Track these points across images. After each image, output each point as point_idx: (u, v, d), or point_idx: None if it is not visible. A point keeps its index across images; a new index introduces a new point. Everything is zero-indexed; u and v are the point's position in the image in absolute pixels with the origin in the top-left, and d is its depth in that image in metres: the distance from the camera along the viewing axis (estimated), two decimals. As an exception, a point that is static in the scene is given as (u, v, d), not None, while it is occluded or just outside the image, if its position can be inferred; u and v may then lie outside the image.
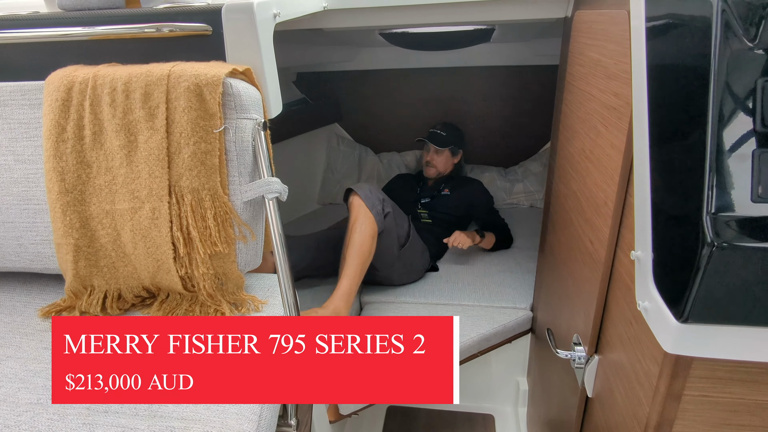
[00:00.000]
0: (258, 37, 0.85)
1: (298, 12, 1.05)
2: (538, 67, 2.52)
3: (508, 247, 2.16)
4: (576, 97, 1.10)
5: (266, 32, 0.90)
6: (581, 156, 1.04)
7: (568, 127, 1.17)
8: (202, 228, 0.78)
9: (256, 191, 0.79)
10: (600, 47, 0.92)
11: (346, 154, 2.71)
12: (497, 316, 1.67)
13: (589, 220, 0.97)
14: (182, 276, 0.80)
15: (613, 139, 0.83)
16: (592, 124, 0.96)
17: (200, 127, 0.76)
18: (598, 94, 0.92)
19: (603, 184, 0.88)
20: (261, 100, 0.85)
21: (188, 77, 0.76)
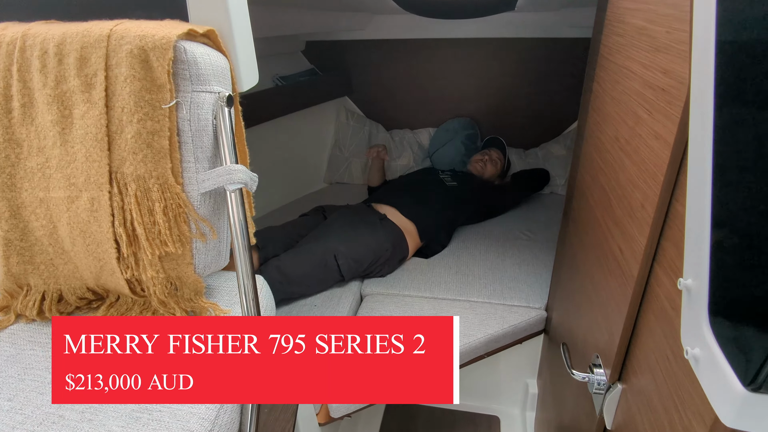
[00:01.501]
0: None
1: None
2: (568, 40, 2.30)
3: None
4: (611, 73, 0.92)
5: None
6: (614, 145, 0.87)
7: (598, 110, 1.00)
8: (149, 224, 0.64)
9: (215, 181, 0.66)
10: (647, 12, 0.74)
11: (355, 129, 2.55)
12: (508, 316, 1.53)
13: (619, 222, 0.81)
14: (129, 279, 0.67)
15: (657, 127, 0.67)
16: (629, 107, 0.79)
17: (145, 101, 0.62)
18: (640, 70, 0.75)
19: (641, 182, 0.72)
20: (228, 69, 0.71)
21: (132, 39, 0.62)
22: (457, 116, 2.57)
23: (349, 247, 1.62)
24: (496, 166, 2.26)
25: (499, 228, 2.05)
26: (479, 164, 2.25)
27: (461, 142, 2.46)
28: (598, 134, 0.99)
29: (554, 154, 2.42)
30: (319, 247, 1.62)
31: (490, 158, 2.26)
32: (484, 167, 2.24)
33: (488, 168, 2.24)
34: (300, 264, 1.54)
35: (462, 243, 1.94)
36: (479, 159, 2.26)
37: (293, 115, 2.32)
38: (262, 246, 1.63)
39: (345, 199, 2.41)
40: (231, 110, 0.69)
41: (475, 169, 2.25)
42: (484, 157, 2.26)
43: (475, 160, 2.28)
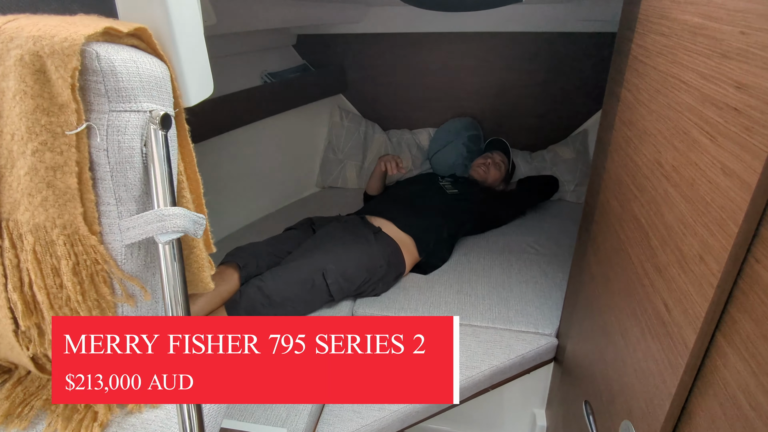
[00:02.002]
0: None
1: None
2: (579, 35, 2.12)
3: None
4: (649, 81, 0.76)
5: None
6: (654, 170, 0.71)
7: (630, 123, 0.84)
8: (53, 287, 0.49)
9: (143, 229, 0.50)
10: (706, 5, 0.58)
11: (350, 130, 2.38)
12: (515, 344, 1.37)
13: (663, 270, 0.65)
14: (34, 355, 0.52)
15: (727, 159, 0.51)
16: (679, 125, 0.63)
17: (42, 126, 0.46)
18: (696, 80, 0.59)
19: (698, 226, 0.56)
20: (167, 78, 0.54)
21: (23, 42, 0.46)
22: (459, 116, 2.40)
23: (339, 264, 1.47)
24: (500, 170, 2.09)
25: (503, 239, 1.89)
26: (482, 169, 2.09)
27: (463, 144, 2.29)
28: (629, 152, 0.83)
29: (562, 157, 2.25)
30: (306, 264, 1.46)
31: (493, 162, 2.09)
32: (487, 172, 2.08)
33: (492, 173, 2.08)
34: (284, 283, 1.39)
35: (464, 256, 1.78)
36: (482, 163, 2.10)
37: (283, 115, 2.15)
38: (244, 264, 1.48)
39: (339, 204, 2.24)
40: (168, 134, 0.53)
41: (478, 174, 2.09)
42: (486, 161, 2.09)
43: (477, 164, 2.11)
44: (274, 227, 1.99)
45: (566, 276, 1.66)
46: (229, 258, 1.49)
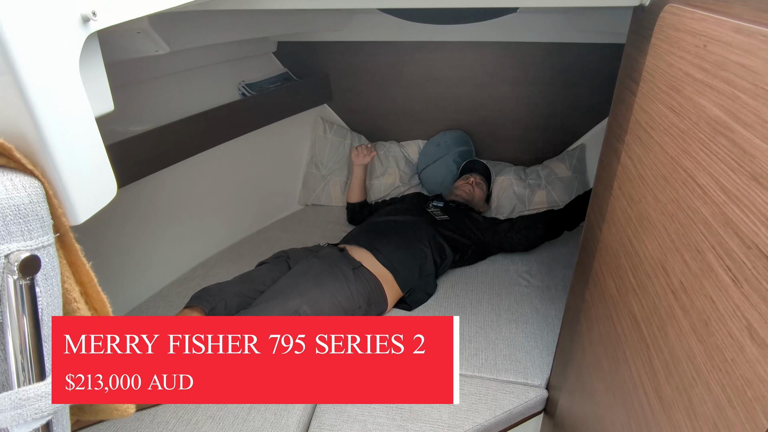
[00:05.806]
0: (23, 77, 0.41)
1: (135, 12, 0.58)
2: (577, 46, 1.99)
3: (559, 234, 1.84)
4: (655, 161, 0.64)
5: (62, 57, 0.45)
6: (658, 273, 0.59)
7: (632, 201, 0.72)
8: None
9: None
10: (731, 99, 0.46)
11: (334, 144, 2.25)
12: (501, 398, 1.27)
13: (667, 408, 0.54)
14: None
15: (755, 319, 0.39)
16: (693, 240, 0.51)
17: None
18: (716, 194, 0.47)
19: (715, 386, 0.45)
20: (39, 200, 0.42)
21: None
22: (449, 128, 2.27)
23: (314, 305, 1.36)
24: (483, 190, 2.04)
25: (493, 268, 1.78)
26: (467, 188, 1.98)
27: (453, 160, 2.17)
28: (629, 233, 0.71)
29: (558, 175, 2.13)
30: (278, 306, 1.35)
31: (475, 181, 2.02)
32: (473, 191, 1.98)
33: (477, 192, 2.00)
34: None
35: (451, 289, 1.67)
36: (464, 183, 2.00)
37: (263, 130, 2.02)
38: (211, 308, 1.37)
39: (322, 224, 2.13)
40: (39, 277, 0.41)
41: (464, 192, 1.98)
42: (469, 180, 2.01)
43: (459, 185, 2.01)
44: (250, 254, 1.87)
45: (559, 313, 1.55)
46: (195, 301, 1.38)
